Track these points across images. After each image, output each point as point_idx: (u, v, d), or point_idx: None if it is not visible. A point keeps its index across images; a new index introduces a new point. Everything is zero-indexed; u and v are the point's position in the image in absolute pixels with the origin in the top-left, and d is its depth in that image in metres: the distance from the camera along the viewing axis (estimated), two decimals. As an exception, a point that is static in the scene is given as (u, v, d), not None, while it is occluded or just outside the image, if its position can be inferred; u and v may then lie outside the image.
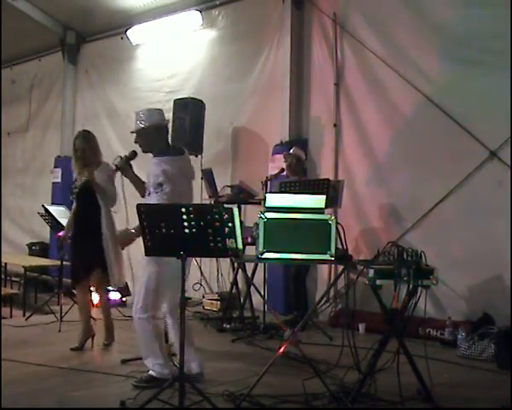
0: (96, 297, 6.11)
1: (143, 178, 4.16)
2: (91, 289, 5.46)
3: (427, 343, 4.12)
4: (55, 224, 6.30)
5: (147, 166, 4.08)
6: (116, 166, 4.15)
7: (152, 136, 4.04)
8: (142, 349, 4.00)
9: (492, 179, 5.49)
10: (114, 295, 7.11)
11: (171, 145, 4.18)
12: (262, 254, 3.57)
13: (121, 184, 4.15)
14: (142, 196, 4.08)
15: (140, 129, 4.07)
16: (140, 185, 4.13)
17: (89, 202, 4.95)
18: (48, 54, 10.31)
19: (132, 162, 4.21)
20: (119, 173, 4.18)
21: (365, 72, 6.50)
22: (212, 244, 3.24)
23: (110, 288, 6.23)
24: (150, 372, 3.94)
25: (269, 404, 3.61)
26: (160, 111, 4.22)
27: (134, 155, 4.21)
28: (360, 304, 4.95)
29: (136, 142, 4.13)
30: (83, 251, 4.99)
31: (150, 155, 4.12)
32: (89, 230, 4.95)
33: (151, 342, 3.91)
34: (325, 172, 6.70)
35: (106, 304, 5.33)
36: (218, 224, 3.19)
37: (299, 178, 5.98)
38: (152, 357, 3.93)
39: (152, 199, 3.86)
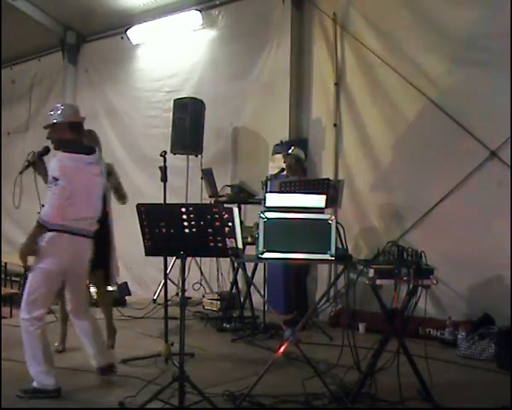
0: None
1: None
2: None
3: (427, 343, 4.13)
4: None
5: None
6: (28, 161, 4.15)
7: (63, 131, 4.02)
8: (25, 354, 3.80)
9: (492, 179, 5.49)
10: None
11: (80, 143, 4.08)
12: (262, 254, 3.57)
13: (34, 179, 4.16)
14: None
15: (53, 123, 4.06)
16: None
17: None
18: (48, 54, 10.30)
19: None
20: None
21: (365, 72, 6.50)
22: (212, 244, 3.24)
23: (109, 288, 6.21)
24: (34, 384, 3.75)
25: (269, 404, 3.61)
26: (75, 107, 4.22)
27: (47, 150, 4.19)
28: (360, 304, 4.95)
29: (48, 137, 4.15)
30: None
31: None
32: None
33: (34, 346, 3.75)
34: (325, 172, 6.70)
35: (109, 305, 5.29)
36: (218, 224, 3.19)
37: (299, 177, 5.98)
38: (34, 364, 3.76)
39: (48, 194, 3.79)
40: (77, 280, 4.03)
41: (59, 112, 4.07)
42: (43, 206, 3.86)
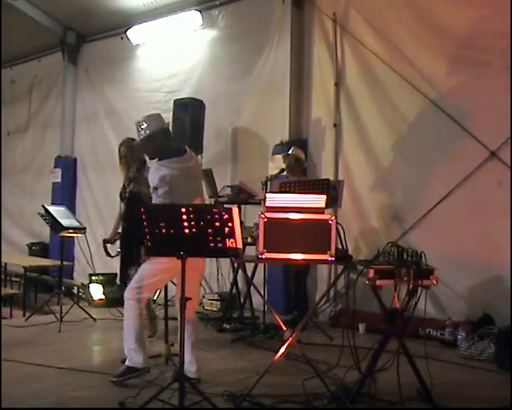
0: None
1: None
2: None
3: (427, 343, 4.13)
4: (55, 224, 6.29)
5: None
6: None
7: (154, 142, 4.04)
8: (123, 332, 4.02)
9: (492, 179, 5.49)
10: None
11: (171, 147, 4.13)
12: (262, 254, 3.57)
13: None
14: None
15: (145, 136, 4.06)
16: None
17: (137, 209, 4.99)
18: (48, 54, 10.31)
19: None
20: None
21: (365, 72, 6.50)
22: (212, 244, 3.24)
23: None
24: (126, 363, 3.98)
25: (269, 404, 3.61)
26: (157, 115, 4.24)
27: (143, 164, 4.51)
28: (360, 304, 4.93)
29: (141, 151, 4.26)
30: (131, 251, 5.03)
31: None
32: (136, 233, 4.99)
33: (131, 324, 3.95)
34: (325, 172, 6.70)
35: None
36: (218, 224, 3.19)
37: (299, 178, 5.98)
38: (127, 340, 3.97)
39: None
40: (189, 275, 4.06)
41: (149, 123, 4.08)
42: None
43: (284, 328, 3.91)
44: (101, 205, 9.06)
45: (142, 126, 4.05)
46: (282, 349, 3.79)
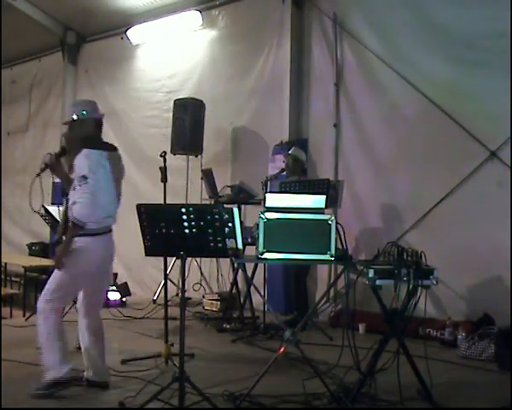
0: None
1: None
2: None
3: (427, 343, 4.13)
4: (55, 224, 6.29)
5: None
6: (45, 163, 3.95)
7: (86, 128, 3.88)
8: (42, 346, 3.78)
9: (492, 179, 5.49)
10: (114, 296, 7.09)
11: (102, 140, 4.01)
12: (262, 254, 3.57)
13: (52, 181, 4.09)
14: (67, 194, 3.83)
15: (75, 120, 3.89)
16: (69, 183, 3.81)
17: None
18: (48, 54, 10.31)
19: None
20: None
21: (365, 72, 6.50)
22: (212, 244, 3.24)
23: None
24: (48, 375, 3.74)
25: (269, 404, 3.61)
26: (94, 102, 4.08)
27: (63, 151, 3.98)
28: (360, 304, 4.95)
29: (68, 134, 3.98)
30: None
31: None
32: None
33: (51, 334, 3.73)
34: (325, 172, 6.70)
35: None
36: (218, 224, 3.19)
37: (299, 178, 5.98)
38: (51, 353, 3.75)
39: (76, 193, 3.65)
40: (104, 278, 4.05)
41: (83, 107, 3.94)
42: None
43: (284, 328, 3.91)
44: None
45: (77, 109, 3.90)
46: (282, 349, 3.79)
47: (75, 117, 3.89)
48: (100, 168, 3.75)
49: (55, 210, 6.40)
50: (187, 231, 3.22)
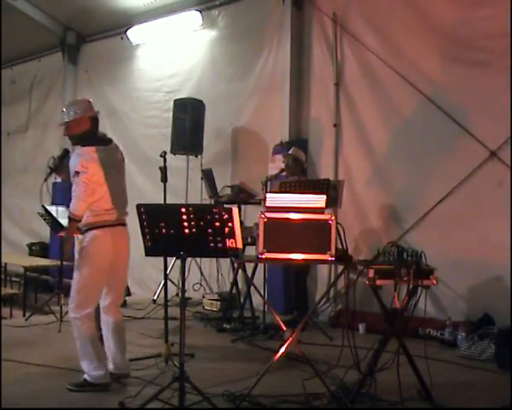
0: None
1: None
2: None
3: (426, 343, 4.13)
4: (55, 224, 6.29)
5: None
6: (50, 167, 4.13)
7: (80, 127, 3.95)
8: (78, 350, 3.95)
9: (492, 179, 5.49)
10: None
11: (96, 136, 4.06)
12: (262, 254, 3.57)
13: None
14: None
15: (69, 121, 3.97)
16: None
17: None
18: (48, 54, 10.32)
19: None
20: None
21: (365, 72, 6.50)
22: (212, 244, 3.24)
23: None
24: (85, 376, 3.89)
25: (269, 404, 3.61)
26: (87, 101, 4.13)
27: (66, 153, 4.18)
28: (360, 304, 4.95)
29: (65, 134, 4.07)
30: None
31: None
32: None
33: (85, 342, 3.87)
34: (325, 172, 6.70)
35: None
36: (218, 224, 3.19)
37: (299, 178, 5.98)
38: (86, 359, 3.89)
39: (73, 188, 3.83)
40: (120, 272, 4.12)
41: (75, 107, 4.01)
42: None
43: (284, 328, 3.91)
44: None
45: (70, 110, 3.97)
46: (282, 349, 3.79)
47: (66, 119, 3.98)
48: (92, 163, 3.81)
49: (55, 210, 6.41)
50: (187, 231, 3.22)
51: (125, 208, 4.09)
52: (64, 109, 4.03)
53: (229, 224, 3.17)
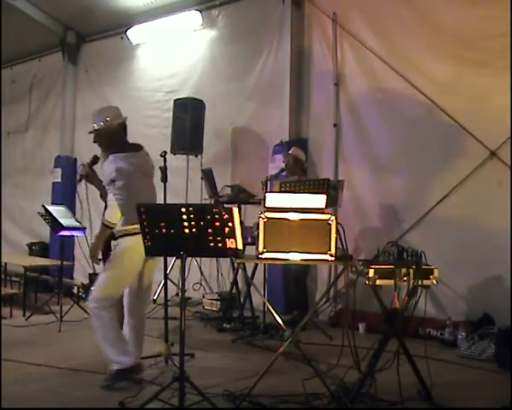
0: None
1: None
2: None
3: (427, 343, 4.13)
4: (55, 224, 6.30)
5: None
6: (81, 175, 4.17)
7: (110, 134, 4.04)
8: (100, 343, 3.97)
9: (492, 179, 5.49)
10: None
11: (127, 142, 4.16)
12: (262, 254, 3.57)
13: (85, 190, 4.28)
14: (104, 199, 4.08)
15: (99, 129, 4.05)
16: (104, 189, 4.09)
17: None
18: (48, 54, 10.32)
19: None
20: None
21: (365, 72, 6.50)
22: (212, 244, 3.24)
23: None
24: (113, 367, 3.94)
25: (269, 404, 3.61)
26: (116, 108, 4.23)
27: (96, 159, 4.21)
28: (360, 304, 4.93)
29: (95, 141, 4.12)
30: None
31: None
32: None
33: (107, 329, 3.91)
34: (325, 172, 6.70)
35: None
36: (218, 224, 3.19)
37: (299, 177, 5.98)
38: (108, 346, 3.92)
39: (109, 197, 3.92)
40: (148, 279, 4.19)
41: (104, 114, 4.08)
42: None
43: (283, 325, 3.91)
44: (101, 205, 9.03)
45: (98, 118, 4.03)
46: (282, 349, 3.79)
47: (96, 126, 4.05)
48: (127, 170, 3.87)
49: (55, 210, 6.42)
50: (187, 230, 3.22)
51: None
52: (93, 117, 4.08)
53: (230, 224, 3.17)
